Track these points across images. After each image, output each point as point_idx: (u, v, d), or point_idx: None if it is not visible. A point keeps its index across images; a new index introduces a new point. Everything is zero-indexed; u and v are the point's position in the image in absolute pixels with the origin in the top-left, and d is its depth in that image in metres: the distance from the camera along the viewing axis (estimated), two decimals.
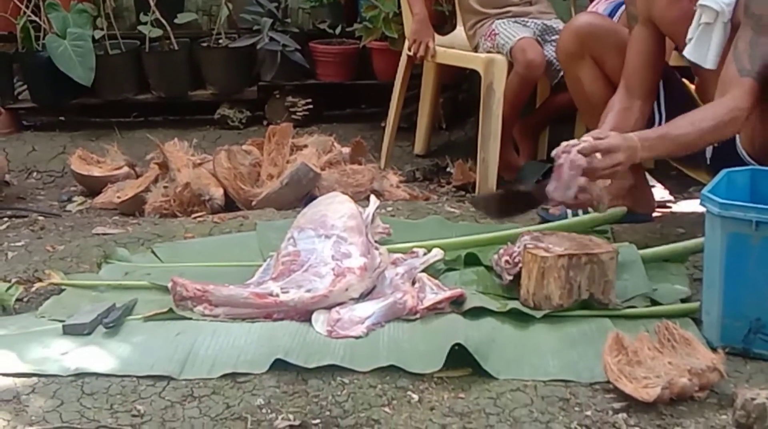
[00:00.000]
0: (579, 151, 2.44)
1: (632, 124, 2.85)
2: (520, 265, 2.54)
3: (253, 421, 2.01)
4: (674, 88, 3.03)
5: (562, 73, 3.91)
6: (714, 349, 2.17)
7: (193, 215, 3.52)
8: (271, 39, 4.77)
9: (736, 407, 1.86)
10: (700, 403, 2.05)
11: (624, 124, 2.81)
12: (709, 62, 2.72)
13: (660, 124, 3.00)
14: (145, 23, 4.79)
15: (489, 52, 3.92)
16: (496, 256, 2.67)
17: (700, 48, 2.73)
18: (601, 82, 3.03)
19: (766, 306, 2.20)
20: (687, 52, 2.77)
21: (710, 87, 2.77)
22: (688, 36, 2.75)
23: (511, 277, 2.58)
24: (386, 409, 2.06)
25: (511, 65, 3.87)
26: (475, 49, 4.04)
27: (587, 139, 2.46)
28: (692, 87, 3.07)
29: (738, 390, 1.93)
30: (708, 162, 2.90)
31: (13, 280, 2.75)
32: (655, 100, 2.96)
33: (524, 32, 3.90)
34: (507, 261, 2.58)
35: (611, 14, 3.87)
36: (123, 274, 2.80)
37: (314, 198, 3.09)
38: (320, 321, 2.40)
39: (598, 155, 2.44)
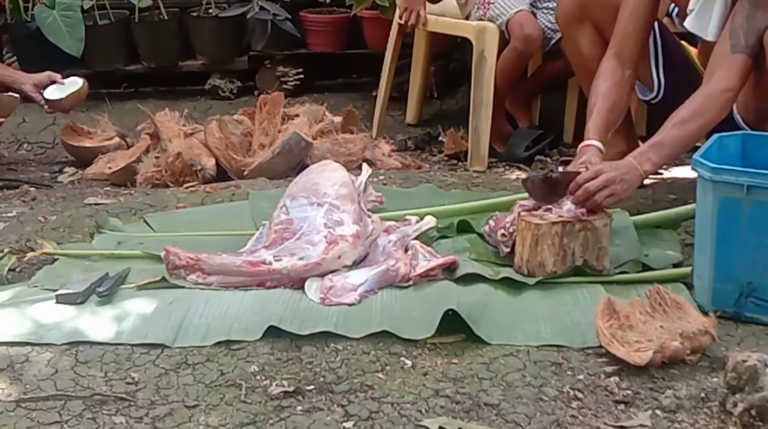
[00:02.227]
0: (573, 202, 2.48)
1: (625, 96, 2.86)
2: (515, 235, 2.54)
3: (248, 388, 2.02)
4: (673, 53, 3.01)
5: (553, 42, 3.91)
6: (705, 313, 2.18)
7: (185, 185, 3.52)
8: (262, 8, 4.73)
9: (728, 370, 1.87)
10: (692, 366, 2.07)
11: (619, 99, 2.81)
12: (709, 34, 2.71)
13: (659, 91, 3.00)
14: None
15: (480, 19, 3.90)
16: (487, 227, 2.67)
17: (701, 19, 2.71)
18: (600, 47, 3.01)
19: (758, 270, 2.21)
20: (688, 23, 2.76)
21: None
22: (690, 7, 2.73)
23: (508, 249, 2.58)
24: (380, 374, 2.07)
25: (502, 35, 3.85)
26: (467, 18, 4.02)
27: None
28: (693, 51, 3.05)
29: (729, 353, 1.94)
30: None
31: (6, 250, 2.74)
32: (651, 64, 2.95)
33: (519, 3, 3.88)
34: (503, 234, 2.58)
35: None
36: (116, 243, 2.79)
37: (306, 167, 3.09)
38: (313, 288, 2.40)
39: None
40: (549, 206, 2.53)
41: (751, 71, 2.60)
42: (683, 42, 3.07)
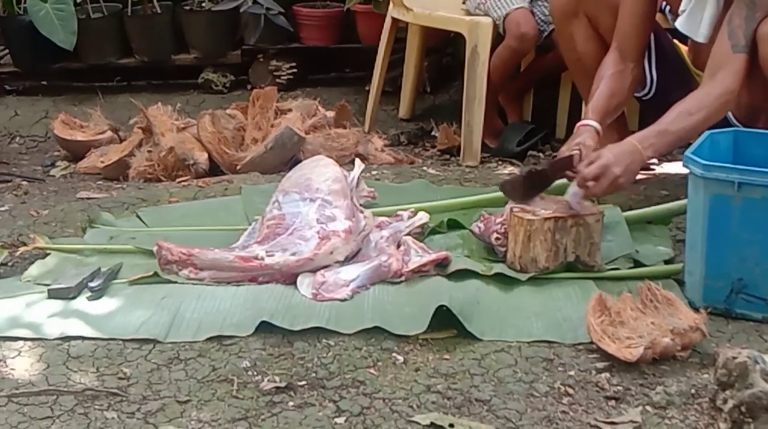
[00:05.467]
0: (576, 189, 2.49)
1: (627, 87, 2.87)
2: (508, 233, 2.54)
3: (239, 383, 2.03)
4: (666, 50, 3.03)
5: (545, 35, 3.91)
6: (696, 310, 2.19)
7: (178, 179, 3.52)
8: (255, 2, 4.73)
9: (718, 366, 1.88)
10: (683, 363, 2.07)
11: (620, 87, 2.84)
12: (701, 36, 2.72)
13: (652, 86, 3.01)
14: None
15: (478, 8, 3.90)
16: (476, 228, 2.66)
17: (693, 21, 2.73)
18: (595, 41, 3.02)
19: (748, 266, 2.22)
20: (679, 24, 2.77)
21: (702, 55, 2.78)
22: (681, 8, 2.74)
23: (504, 249, 2.57)
24: (371, 370, 2.07)
25: (496, 30, 3.85)
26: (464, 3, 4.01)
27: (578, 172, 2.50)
28: (684, 48, 3.07)
29: (720, 349, 1.95)
30: None
31: None
32: (644, 61, 2.97)
33: (519, 0, 3.87)
34: (497, 237, 2.57)
35: None
36: (108, 238, 2.79)
37: (299, 162, 3.09)
38: (305, 284, 2.40)
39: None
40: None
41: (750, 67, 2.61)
42: (675, 40, 3.08)
